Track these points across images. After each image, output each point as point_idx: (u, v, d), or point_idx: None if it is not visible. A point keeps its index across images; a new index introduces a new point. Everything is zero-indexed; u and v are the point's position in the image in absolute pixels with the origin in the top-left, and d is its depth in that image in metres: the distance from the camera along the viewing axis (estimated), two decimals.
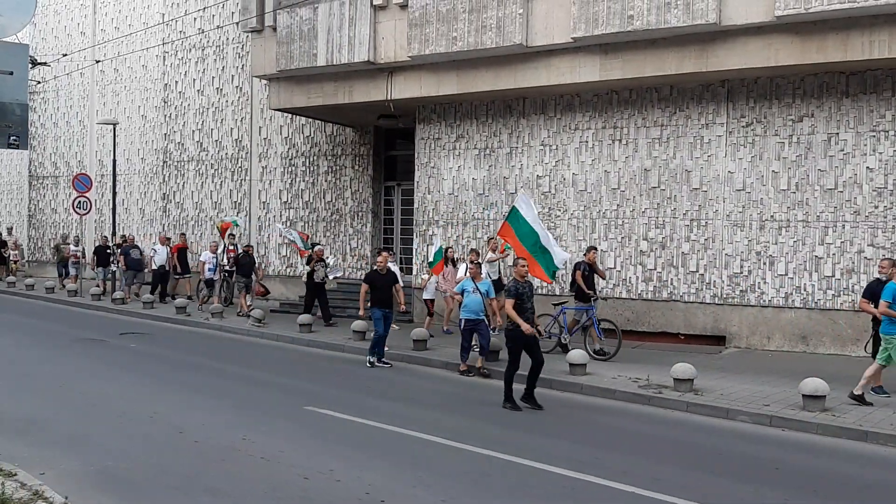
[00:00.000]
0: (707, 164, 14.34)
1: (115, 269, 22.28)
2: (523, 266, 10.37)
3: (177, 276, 21.19)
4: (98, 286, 21.97)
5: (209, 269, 19.22)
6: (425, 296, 15.65)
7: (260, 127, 22.22)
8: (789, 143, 13.70)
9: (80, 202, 22.41)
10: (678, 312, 14.53)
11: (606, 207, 15.24)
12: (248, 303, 18.37)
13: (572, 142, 15.62)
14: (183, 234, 22.40)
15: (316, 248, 17.26)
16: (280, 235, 20.17)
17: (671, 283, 14.62)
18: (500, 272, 15.07)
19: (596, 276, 13.64)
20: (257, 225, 22.31)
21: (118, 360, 12.83)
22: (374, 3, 16.00)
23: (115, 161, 22.81)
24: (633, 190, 14.99)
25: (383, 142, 20.61)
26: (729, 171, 14.16)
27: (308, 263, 17.01)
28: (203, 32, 23.29)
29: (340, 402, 9.72)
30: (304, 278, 17.08)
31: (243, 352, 14.20)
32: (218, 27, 22.68)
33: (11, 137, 5.88)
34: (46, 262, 29.00)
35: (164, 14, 24.50)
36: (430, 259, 15.41)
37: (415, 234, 17.84)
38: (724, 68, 13.32)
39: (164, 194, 24.78)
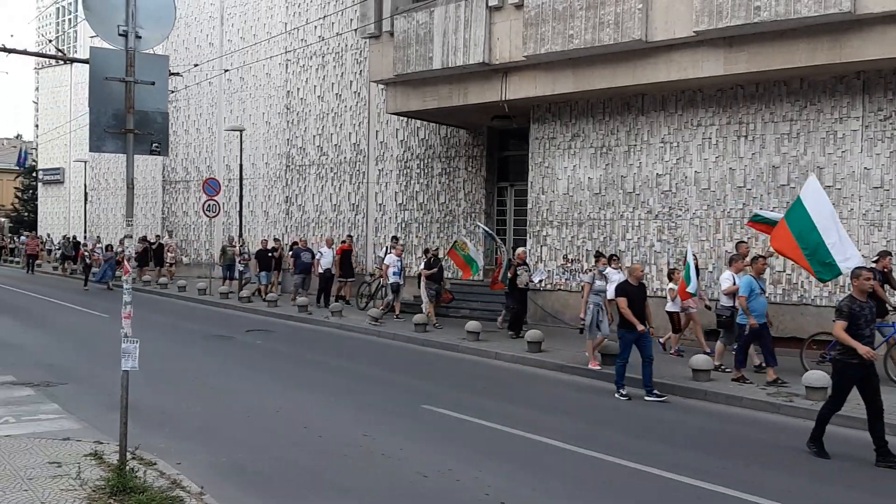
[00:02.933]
0: (841, 161, 13.54)
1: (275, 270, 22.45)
2: (866, 279, 7.93)
3: (340, 280, 20.89)
4: (259, 289, 22.05)
5: (394, 273, 17.89)
6: (669, 307, 13.62)
7: (377, 131, 22.68)
8: None
9: (209, 205, 23.52)
10: (809, 317, 13.77)
11: (731, 206, 14.65)
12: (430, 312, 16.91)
13: (694, 138, 15.11)
14: (350, 237, 22.34)
15: (518, 251, 15.95)
16: (484, 232, 18.59)
17: (801, 286, 13.88)
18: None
19: (888, 286, 11.82)
20: (374, 227, 22.77)
21: (245, 357, 13.39)
22: (490, 4, 16.02)
23: (241, 166, 23.86)
24: (760, 188, 14.35)
25: (497, 143, 20.60)
26: (865, 168, 13.31)
27: (508, 269, 15.67)
28: (323, 40, 24.01)
29: (457, 402, 9.76)
30: (505, 287, 15.76)
31: (361, 350, 14.51)
32: (337, 34, 23.33)
33: (154, 144, 6.21)
34: (177, 261, 30.66)
35: (286, 23, 25.43)
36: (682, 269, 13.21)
37: (528, 235, 17.73)
38: (859, 59, 12.52)
39: (286, 197, 25.71)
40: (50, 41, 36.61)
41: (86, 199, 37.30)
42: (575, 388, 11.33)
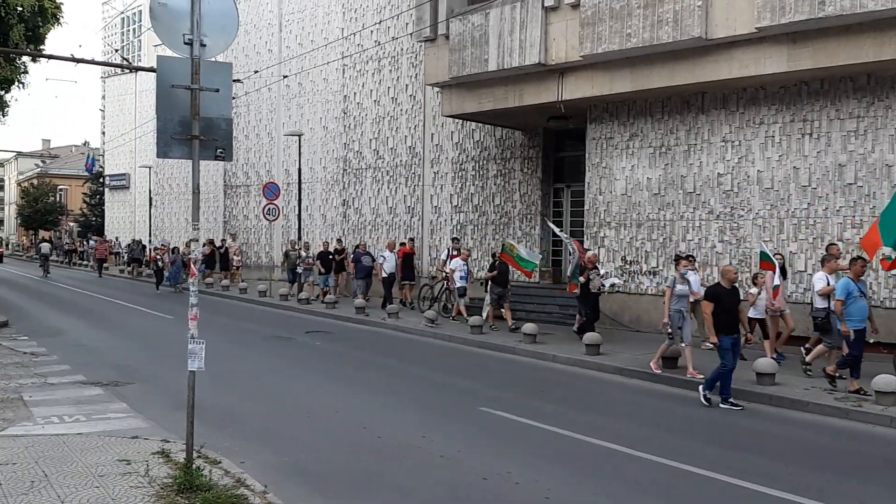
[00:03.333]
0: None
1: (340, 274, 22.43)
2: None
3: (403, 283, 20.75)
4: (321, 293, 22.16)
5: (460, 277, 17.71)
6: (752, 314, 12.59)
7: (432, 134, 22.77)
8: None
9: (269, 209, 23.90)
10: (878, 319, 13.27)
11: (796, 206, 14.27)
12: (506, 316, 16.52)
13: (757, 137, 14.77)
14: (412, 240, 22.32)
15: (589, 255, 15.18)
16: (556, 234, 17.96)
17: (870, 287, 13.41)
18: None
19: None
20: (429, 229, 22.86)
21: (304, 358, 13.58)
22: (546, 4, 15.95)
23: (300, 170, 24.24)
24: (825, 187, 13.95)
25: (552, 143, 20.47)
26: None
27: (581, 273, 14.94)
28: (379, 44, 24.22)
29: (514, 405, 9.71)
30: (577, 290, 15.08)
31: (418, 351, 14.57)
32: (393, 38, 23.51)
33: (218, 150, 6.35)
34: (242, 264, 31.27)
35: (343, 29, 25.74)
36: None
37: (585, 237, 17.56)
38: None
39: (343, 200, 26.02)
40: (116, 50, 37.76)
41: (150, 204, 38.36)
42: (634, 391, 11.18)
